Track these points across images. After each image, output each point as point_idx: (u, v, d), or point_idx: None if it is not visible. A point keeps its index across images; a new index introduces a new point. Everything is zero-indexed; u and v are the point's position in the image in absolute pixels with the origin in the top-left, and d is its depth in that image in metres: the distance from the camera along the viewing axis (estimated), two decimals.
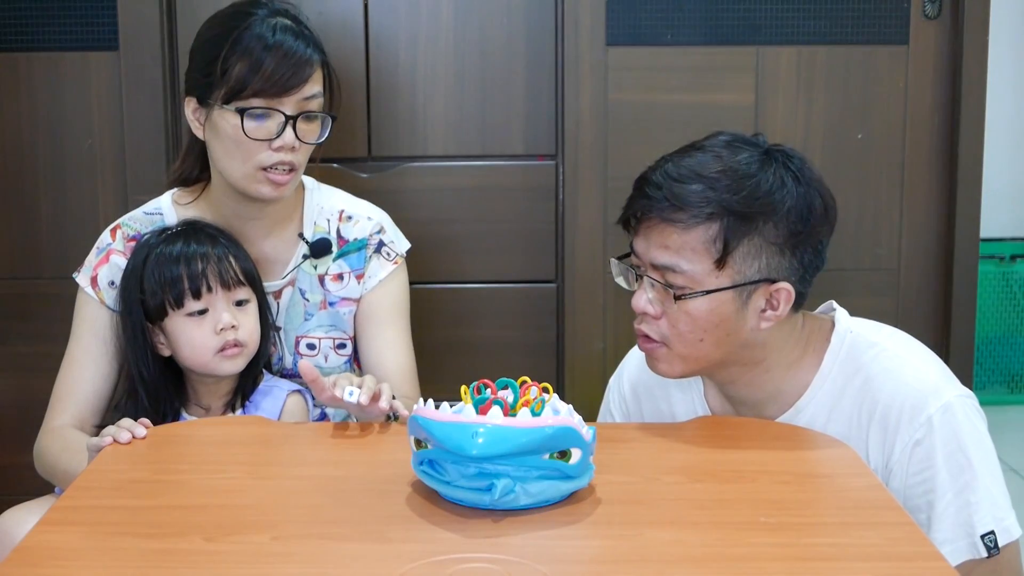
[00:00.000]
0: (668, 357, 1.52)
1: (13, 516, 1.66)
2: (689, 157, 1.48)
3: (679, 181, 1.45)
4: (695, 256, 1.46)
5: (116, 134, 2.38)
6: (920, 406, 1.47)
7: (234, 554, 1.16)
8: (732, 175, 1.45)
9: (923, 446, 1.47)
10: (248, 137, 1.69)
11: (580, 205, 2.40)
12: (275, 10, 1.74)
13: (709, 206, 1.44)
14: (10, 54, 2.38)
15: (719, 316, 1.47)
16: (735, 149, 1.49)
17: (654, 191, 1.47)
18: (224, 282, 1.71)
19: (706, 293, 1.46)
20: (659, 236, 1.47)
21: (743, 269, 1.46)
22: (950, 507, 1.46)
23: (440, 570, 1.11)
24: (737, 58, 2.37)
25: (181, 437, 1.55)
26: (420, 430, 1.26)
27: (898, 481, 1.49)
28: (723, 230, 1.44)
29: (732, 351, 1.51)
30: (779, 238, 1.46)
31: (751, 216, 1.45)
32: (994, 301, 3.44)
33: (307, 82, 1.71)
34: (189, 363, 1.73)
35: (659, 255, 1.47)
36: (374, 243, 1.86)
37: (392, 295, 1.88)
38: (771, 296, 1.48)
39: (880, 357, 1.53)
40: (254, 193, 1.74)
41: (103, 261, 1.80)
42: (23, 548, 1.17)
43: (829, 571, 1.13)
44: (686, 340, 1.49)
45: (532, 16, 2.39)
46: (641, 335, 1.54)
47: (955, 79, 2.39)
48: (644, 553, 1.16)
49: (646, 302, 1.50)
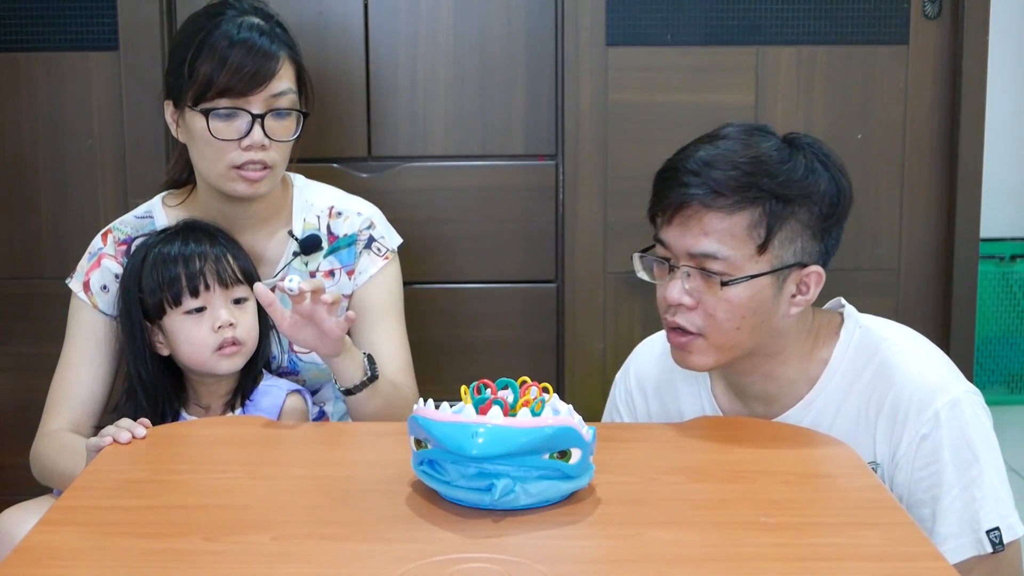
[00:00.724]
0: (704, 348, 1.51)
1: (13, 516, 1.66)
2: (713, 147, 1.49)
3: (716, 168, 1.46)
4: (735, 242, 1.46)
5: (116, 134, 2.38)
6: (928, 400, 1.48)
7: (234, 554, 1.16)
8: (767, 161, 1.47)
9: (930, 440, 1.47)
10: (215, 138, 1.70)
11: (580, 205, 2.39)
12: (245, 9, 1.75)
13: (751, 191, 1.45)
14: (10, 54, 2.37)
15: (757, 302, 1.48)
16: (757, 137, 1.50)
17: (692, 179, 1.47)
18: (222, 280, 1.71)
19: (750, 278, 1.47)
20: (698, 224, 1.47)
21: (780, 254, 1.48)
22: (956, 502, 1.46)
23: (440, 570, 1.11)
24: (737, 58, 2.37)
25: (181, 437, 1.55)
26: (420, 430, 1.26)
27: (904, 475, 1.49)
28: (765, 215, 1.46)
29: (762, 339, 1.52)
30: (812, 222, 1.48)
31: (791, 200, 1.46)
32: (994, 301, 3.44)
33: (273, 78, 1.71)
34: (188, 362, 1.73)
35: (698, 243, 1.47)
36: (364, 238, 1.86)
37: (384, 289, 1.87)
38: (801, 280, 1.50)
39: (889, 352, 1.54)
40: (230, 191, 1.75)
41: (95, 266, 1.81)
42: (23, 548, 1.17)
43: (829, 571, 1.13)
44: (723, 329, 1.49)
45: (532, 16, 2.39)
46: (674, 327, 1.53)
47: (955, 79, 2.39)
48: (644, 553, 1.16)
49: (681, 293, 1.50)
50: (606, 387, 1.82)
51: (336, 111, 2.36)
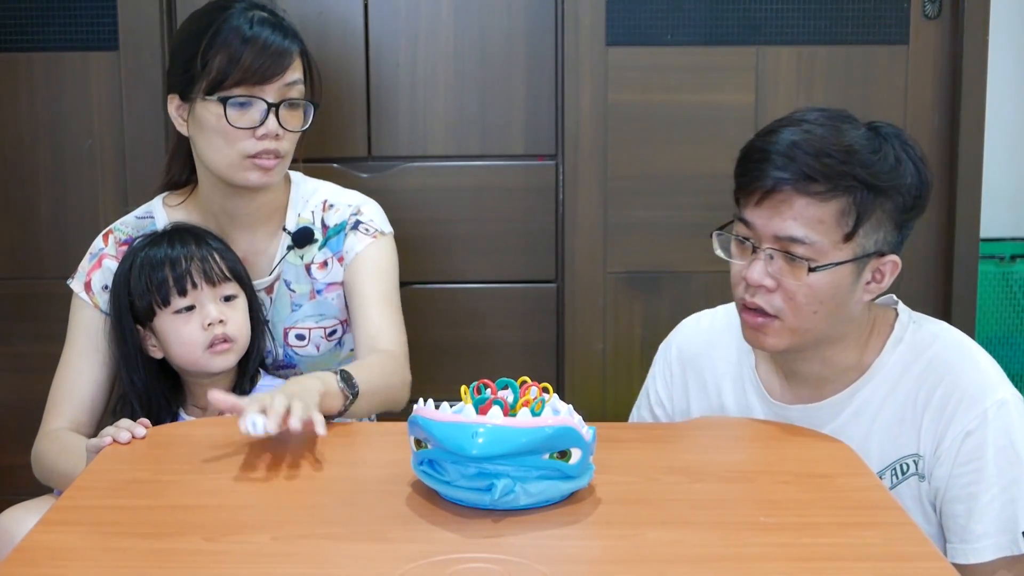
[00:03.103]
0: (779, 330, 1.52)
1: (13, 515, 1.66)
2: (800, 130, 1.49)
3: (809, 154, 1.46)
4: (824, 228, 1.47)
5: (116, 134, 2.38)
6: (977, 398, 1.50)
7: (234, 554, 1.16)
8: (860, 150, 1.48)
9: (974, 437, 1.49)
10: (232, 126, 1.71)
11: (580, 205, 2.39)
12: (252, 3, 1.76)
13: (845, 179, 1.46)
14: (10, 54, 2.37)
15: (836, 288, 1.49)
16: (846, 124, 1.51)
17: (784, 162, 1.47)
18: (209, 278, 1.72)
19: (836, 265, 1.47)
20: (788, 208, 1.47)
21: (864, 242, 1.49)
22: (995, 501, 1.48)
23: (440, 570, 1.11)
24: (737, 58, 2.37)
25: (181, 437, 1.55)
26: (420, 430, 1.26)
27: (944, 469, 1.51)
28: (855, 204, 1.47)
29: (833, 325, 1.53)
30: (895, 212, 1.50)
31: (881, 190, 1.47)
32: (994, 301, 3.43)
33: (288, 68, 1.73)
34: (180, 361, 1.74)
35: (787, 226, 1.48)
36: (351, 223, 1.86)
37: (370, 263, 1.83)
38: (877, 269, 1.52)
39: (942, 349, 1.56)
40: (242, 181, 1.75)
41: (96, 266, 1.81)
42: (23, 548, 1.17)
43: (829, 571, 1.13)
44: (802, 313, 1.50)
45: (532, 16, 2.39)
46: (751, 308, 1.53)
47: (955, 79, 2.39)
48: (644, 553, 1.16)
49: (763, 274, 1.50)
50: (606, 387, 1.82)
51: (336, 111, 2.36)
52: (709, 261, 2.40)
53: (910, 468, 1.54)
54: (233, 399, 1.45)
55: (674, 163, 2.38)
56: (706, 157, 2.37)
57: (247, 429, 1.37)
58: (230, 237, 1.82)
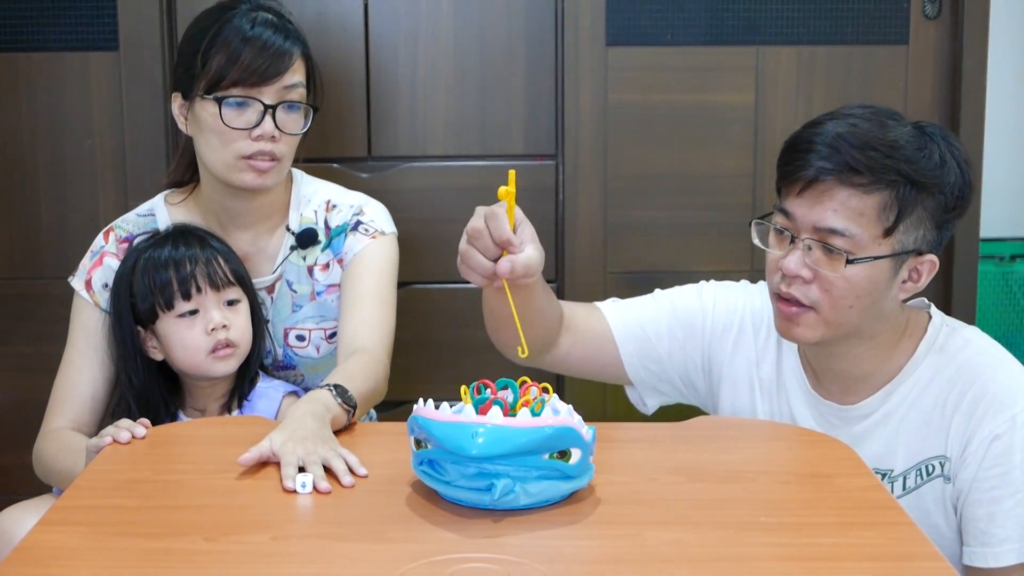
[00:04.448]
0: (813, 322, 1.52)
1: (12, 515, 1.66)
2: (846, 123, 1.49)
3: (854, 146, 1.46)
4: (864, 221, 1.47)
5: (116, 134, 2.38)
6: (1008, 403, 1.50)
7: (234, 554, 1.16)
8: (905, 146, 1.48)
9: (1002, 441, 1.49)
10: (227, 126, 1.70)
11: (580, 205, 2.39)
12: (257, 5, 1.76)
13: (888, 173, 1.46)
14: (10, 54, 2.37)
15: (872, 283, 1.49)
16: (892, 121, 1.51)
17: (829, 152, 1.47)
18: (213, 283, 1.71)
19: (874, 259, 1.47)
20: (830, 199, 1.48)
21: (903, 239, 1.49)
22: (1019, 506, 1.48)
23: (440, 570, 1.11)
24: (737, 58, 2.37)
25: (181, 437, 1.55)
26: (420, 430, 1.26)
27: (970, 471, 1.51)
28: (897, 199, 1.47)
29: (867, 321, 1.53)
30: (937, 211, 1.50)
31: (924, 188, 1.47)
32: (994, 301, 3.43)
33: (287, 71, 1.73)
34: (182, 365, 1.74)
35: (826, 217, 1.48)
36: (352, 223, 1.85)
37: (366, 265, 1.81)
38: (914, 268, 1.52)
39: (974, 353, 1.56)
40: (238, 183, 1.75)
41: (97, 264, 1.81)
42: (23, 548, 1.17)
43: (829, 571, 1.13)
44: (837, 306, 1.50)
45: (532, 16, 2.38)
46: (786, 298, 1.53)
47: (955, 79, 2.39)
48: (644, 553, 1.16)
49: (800, 265, 1.50)
50: (606, 387, 1.81)
51: (336, 111, 2.36)
52: (709, 261, 2.42)
53: (936, 470, 1.55)
54: (259, 453, 1.38)
55: (674, 163, 2.38)
56: (706, 157, 2.37)
57: (298, 490, 1.32)
58: (231, 236, 1.82)
